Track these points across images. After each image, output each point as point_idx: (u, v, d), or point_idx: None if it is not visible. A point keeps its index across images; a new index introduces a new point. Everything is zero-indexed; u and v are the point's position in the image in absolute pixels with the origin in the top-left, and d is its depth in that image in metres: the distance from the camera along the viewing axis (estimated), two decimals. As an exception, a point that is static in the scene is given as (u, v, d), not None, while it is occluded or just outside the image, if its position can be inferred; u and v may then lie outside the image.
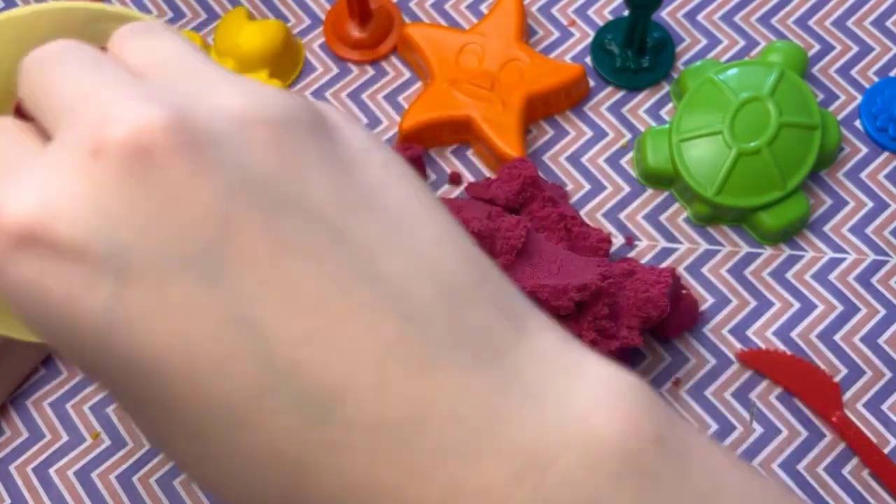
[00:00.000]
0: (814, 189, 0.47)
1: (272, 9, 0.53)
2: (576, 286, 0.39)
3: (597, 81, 0.50)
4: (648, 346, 0.44)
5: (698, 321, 0.45)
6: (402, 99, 0.50)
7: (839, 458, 0.42)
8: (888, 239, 0.46)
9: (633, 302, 0.40)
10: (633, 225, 0.47)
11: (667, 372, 0.44)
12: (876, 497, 0.41)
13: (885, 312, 0.44)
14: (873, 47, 0.50)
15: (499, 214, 0.42)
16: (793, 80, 0.45)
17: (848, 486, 0.42)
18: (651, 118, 0.49)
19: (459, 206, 0.43)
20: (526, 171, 0.44)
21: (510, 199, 0.44)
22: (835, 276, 0.45)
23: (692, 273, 0.46)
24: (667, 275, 0.41)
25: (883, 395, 0.43)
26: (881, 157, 0.48)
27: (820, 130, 0.45)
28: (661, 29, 0.50)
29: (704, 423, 0.43)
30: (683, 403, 0.43)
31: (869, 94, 0.49)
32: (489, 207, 0.44)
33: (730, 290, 0.45)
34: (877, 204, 0.47)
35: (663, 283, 0.40)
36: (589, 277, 0.40)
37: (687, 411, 0.43)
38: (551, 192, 0.45)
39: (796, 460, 0.42)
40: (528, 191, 0.44)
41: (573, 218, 0.44)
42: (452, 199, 0.45)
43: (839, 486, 0.42)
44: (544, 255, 0.42)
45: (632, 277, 0.41)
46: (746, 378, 0.44)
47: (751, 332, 0.44)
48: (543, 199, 0.44)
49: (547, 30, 0.51)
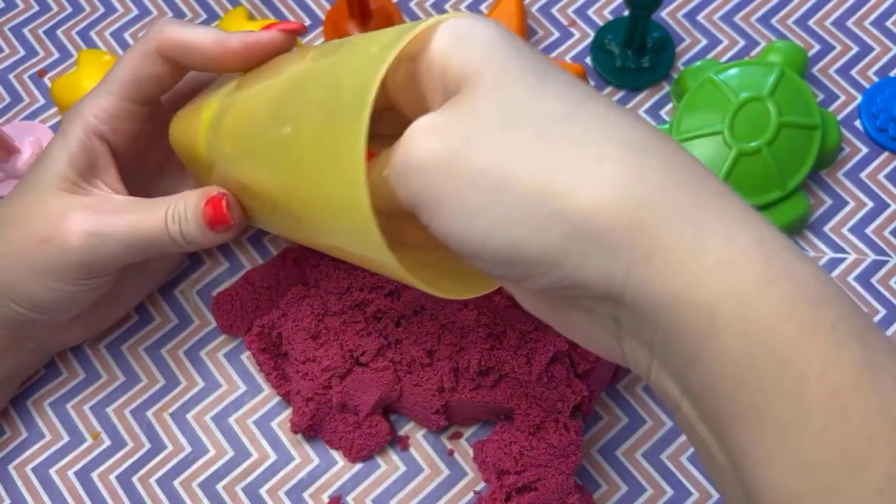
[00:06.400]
0: (814, 189, 0.47)
1: (272, 9, 0.53)
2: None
3: (597, 81, 0.50)
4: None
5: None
6: (402, 99, 0.50)
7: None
8: (888, 239, 0.46)
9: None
10: (633, 225, 0.47)
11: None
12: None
13: (885, 312, 0.44)
14: (873, 47, 0.50)
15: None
16: (793, 80, 0.45)
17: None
18: (651, 118, 0.49)
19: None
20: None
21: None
22: (835, 276, 0.45)
23: (692, 273, 0.46)
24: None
25: (883, 395, 0.43)
26: (881, 157, 0.48)
27: (820, 130, 0.45)
28: (661, 29, 0.50)
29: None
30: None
31: (869, 94, 0.49)
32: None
33: (730, 290, 0.45)
34: (877, 204, 0.47)
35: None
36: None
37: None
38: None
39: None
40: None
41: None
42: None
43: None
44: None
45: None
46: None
47: (751, 332, 0.44)
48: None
49: (547, 30, 0.51)
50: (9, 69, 0.52)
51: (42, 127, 0.50)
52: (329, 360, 0.41)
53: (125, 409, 0.44)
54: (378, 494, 0.42)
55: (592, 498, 0.41)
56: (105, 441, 0.43)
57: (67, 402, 0.44)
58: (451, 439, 0.43)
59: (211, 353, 0.45)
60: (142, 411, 0.44)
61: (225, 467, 0.43)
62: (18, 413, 0.44)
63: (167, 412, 0.44)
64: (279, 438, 0.43)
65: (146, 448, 0.43)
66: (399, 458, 0.43)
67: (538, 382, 0.40)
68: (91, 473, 0.43)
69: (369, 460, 0.43)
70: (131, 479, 0.43)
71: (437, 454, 0.43)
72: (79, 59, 0.49)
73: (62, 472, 0.43)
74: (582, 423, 0.40)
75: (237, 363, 0.45)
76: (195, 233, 0.36)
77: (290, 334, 0.42)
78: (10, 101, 0.51)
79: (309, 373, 0.42)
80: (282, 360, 0.44)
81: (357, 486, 0.42)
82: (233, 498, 0.42)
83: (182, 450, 0.43)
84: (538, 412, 0.40)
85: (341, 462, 0.43)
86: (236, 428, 0.43)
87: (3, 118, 0.51)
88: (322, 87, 0.30)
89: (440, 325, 0.41)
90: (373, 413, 0.42)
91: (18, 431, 0.44)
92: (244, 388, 0.44)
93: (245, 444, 0.43)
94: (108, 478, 0.43)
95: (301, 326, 0.42)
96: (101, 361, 0.45)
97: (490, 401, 0.40)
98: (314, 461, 0.43)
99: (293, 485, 0.42)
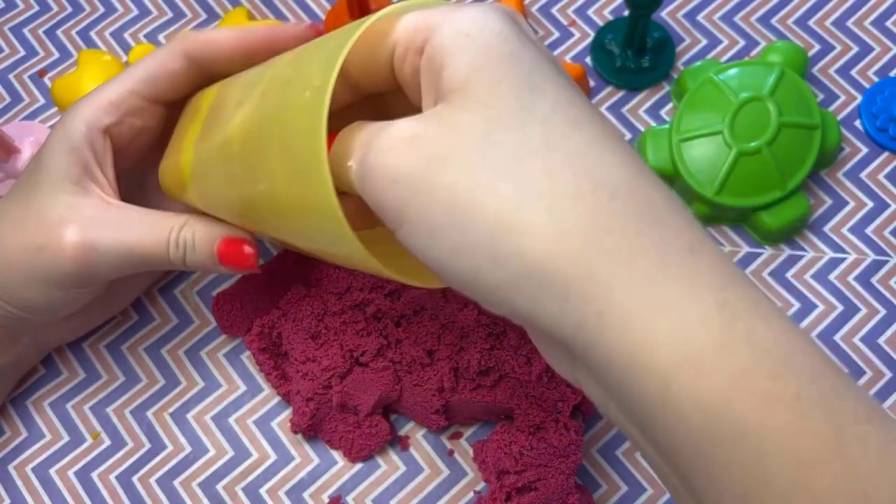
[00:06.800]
0: (814, 189, 0.47)
1: (272, 9, 0.53)
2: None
3: (597, 81, 0.50)
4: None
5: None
6: (402, 99, 0.50)
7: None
8: (888, 239, 0.46)
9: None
10: (633, 225, 0.47)
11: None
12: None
13: (885, 312, 0.44)
14: (873, 47, 0.50)
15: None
16: (793, 80, 0.45)
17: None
18: (651, 118, 0.49)
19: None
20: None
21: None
22: (835, 276, 0.45)
23: (692, 273, 0.46)
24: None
25: (883, 394, 0.43)
26: (881, 157, 0.48)
27: (820, 130, 0.45)
28: (661, 29, 0.50)
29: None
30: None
31: (869, 94, 0.49)
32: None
33: (730, 290, 0.45)
34: (877, 204, 0.47)
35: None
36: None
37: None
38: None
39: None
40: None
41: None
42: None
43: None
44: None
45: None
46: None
47: (751, 332, 0.44)
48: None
49: (547, 30, 0.51)
50: (9, 69, 0.52)
51: (42, 127, 0.50)
52: (329, 360, 0.41)
53: (125, 409, 0.44)
54: (378, 494, 0.42)
55: (592, 498, 0.41)
56: (105, 441, 0.43)
57: (67, 402, 0.44)
58: (451, 439, 0.43)
59: (211, 353, 0.45)
60: (142, 411, 0.44)
61: (225, 467, 0.43)
62: (18, 413, 0.44)
63: (167, 412, 0.44)
64: (279, 438, 0.43)
65: (146, 448, 0.43)
66: (399, 458, 0.43)
67: (538, 382, 0.40)
68: (91, 473, 0.43)
69: (369, 460, 0.43)
70: (131, 479, 0.43)
71: (437, 454, 0.43)
72: (79, 59, 0.49)
73: (62, 472, 0.43)
74: (582, 423, 0.40)
75: (237, 363, 0.45)
76: (203, 262, 0.36)
77: (290, 334, 0.42)
78: (10, 101, 0.51)
79: (309, 373, 0.42)
80: (282, 360, 0.44)
81: (357, 486, 0.42)
82: (233, 498, 0.42)
83: (182, 450, 0.43)
84: (538, 412, 0.40)
85: (341, 462, 0.43)
86: (236, 428, 0.44)
87: (3, 118, 0.51)
88: (276, 142, 0.29)
89: (440, 325, 0.41)
90: (373, 413, 0.42)
91: (18, 431, 0.44)
92: (244, 388, 0.44)
93: (245, 444, 0.43)
94: (108, 478, 0.43)
95: (301, 326, 0.42)
96: (101, 361, 0.45)
97: (490, 401, 0.41)
98: (314, 461, 0.43)
99: (293, 485, 0.42)
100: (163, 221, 0.36)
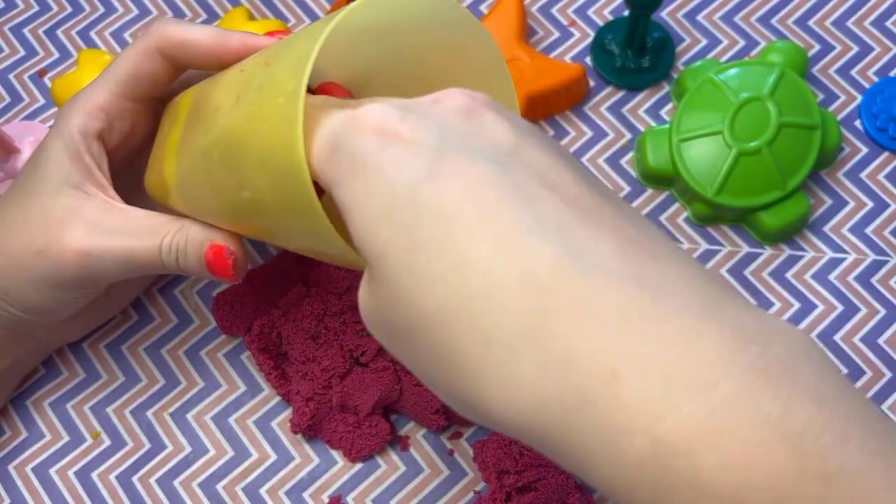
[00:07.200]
0: (814, 189, 0.47)
1: (272, 9, 0.53)
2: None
3: (597, 81, 0.50)
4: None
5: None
6: (402, 99, 0.50)
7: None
8: (888, 239, 0.46)
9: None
10: (633, 225, 0.47)
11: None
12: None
13: (885, 312, 0.44)
14: (873, 47, 0.50)
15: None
16: (793, 80, 0.45)
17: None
18: (651, 118, 0.49)
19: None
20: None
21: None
22: (835, 276, 0.45)
23: (692, 273, 0.46)
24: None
25: (883, 394, 0.43)
26: (881, 157, 0.48)
27: (820, 130, 0.45)
28: (661, 29, 0.50)
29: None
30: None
31: (869, 94, 0.49)
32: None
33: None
34: (877, 204, 0.47)
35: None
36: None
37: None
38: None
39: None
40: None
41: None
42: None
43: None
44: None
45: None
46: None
47: (751, 332, 0.44)
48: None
49: (547, 30, 0.51)
50: (9, 69, 0.52)
51: (42, 127, 0.50)
52: (329, 360, 0.41)
53: (125, 409, 0.44)
54: (378, 494, 0.42)
55: (592, 498, 0.41)
56: (105, 441, 0.43)
57: (67, 402, 0.44)
58: (451, 439, 0.43)
59: (211, 353, 0.45)
60: (142, 411, 0.44)
61: (225, 467, 0.43)
62: (18, 413, 0.44)
63: (167, 412, 0.44)
64: (279, 438, 0.43)
65: (146, 448, 0.43)
66: (399, 458, 0.43)
67: (538, 382, 0.40)
68: (91, 473, 0.43)
69: (369, 460, 0.43)
70: (131, 479, 0.43)
71: (437, 454, 0.43)
72: (79, 59, 0.49)
73: (62, 472, 0.43)
74: (582, 423, 0.40)
75: (237, 363, 0.45)
76: (194, 268, 0.36)
77: (290, 334, 0.42)
78: (10, 101, 0.51)
79: (309, 373, 0.42)
80: (282, 360, 0.44)
81: (357, 486, 0.42)
82: (233, 498, 0.42)
83: (182, 450, 0.43)
84: (538, 412, 0.40)
85: (341, 462, 0.43)
86: (236, 428, 0.44)
87: (3, 118, 0.51)
88: (255, 153, 0.29)
89: (440, 325, 0.41)
90: (373, 413, 0.42)
91: (18, 431, 0.44)
92: (244, 388, 0.44)
93: (245, 444, 0.43)
94: (108, 478, 0.43)
95: (301, 326, 0.42)
96: (101, 361, 0.45)
97: (490, 401, 0.40)
98: (314, 461, 0.43)
99: (293, 485, 0.42)
100: (160, 226, 0.36)
